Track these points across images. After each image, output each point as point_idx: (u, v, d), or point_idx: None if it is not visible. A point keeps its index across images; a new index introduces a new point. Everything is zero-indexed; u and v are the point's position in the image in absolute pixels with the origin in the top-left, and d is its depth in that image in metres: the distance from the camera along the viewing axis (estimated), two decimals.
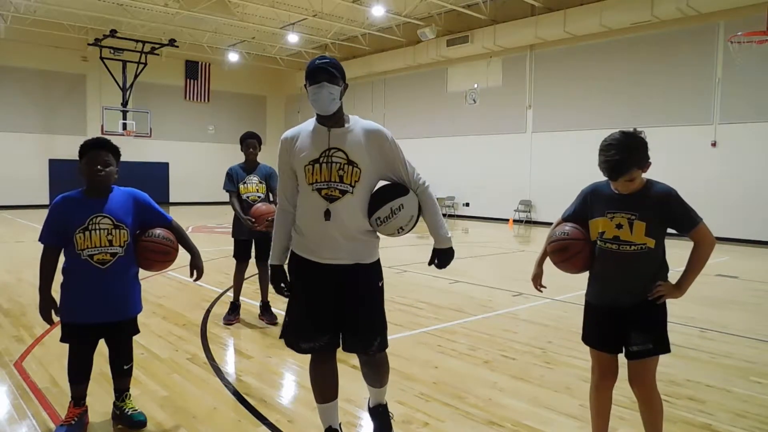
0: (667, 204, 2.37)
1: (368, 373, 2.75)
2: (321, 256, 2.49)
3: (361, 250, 2.52)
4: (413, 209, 2.51)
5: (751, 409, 3.35)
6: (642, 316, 2.42)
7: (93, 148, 2.83)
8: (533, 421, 3.14)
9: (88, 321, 2.86)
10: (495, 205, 17.88)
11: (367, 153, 2.46)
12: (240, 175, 5.17)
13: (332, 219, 2.43)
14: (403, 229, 2.52)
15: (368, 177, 2.48)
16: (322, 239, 2.47)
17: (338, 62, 2.47)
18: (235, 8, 17.33)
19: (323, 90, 2.39)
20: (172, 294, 6.48)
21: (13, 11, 17.58)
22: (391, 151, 2.51)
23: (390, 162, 2.52)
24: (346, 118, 2.53)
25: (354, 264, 2.50)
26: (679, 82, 13.81)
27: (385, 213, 2.47)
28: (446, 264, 2.60)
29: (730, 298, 6.69)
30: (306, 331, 2.53)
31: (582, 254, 2.50)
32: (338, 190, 2.43)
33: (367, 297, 2.55)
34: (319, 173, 2.44)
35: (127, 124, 20.73)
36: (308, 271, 2.52)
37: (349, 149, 2.44)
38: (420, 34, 18.16)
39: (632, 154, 2.29)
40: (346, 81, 2.50)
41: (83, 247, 2.78)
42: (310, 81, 2.42)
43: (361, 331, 2.53)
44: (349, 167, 2.43)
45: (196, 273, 3.11)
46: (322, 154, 2.44)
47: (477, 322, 5.38)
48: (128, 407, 3.05)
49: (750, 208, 12.68)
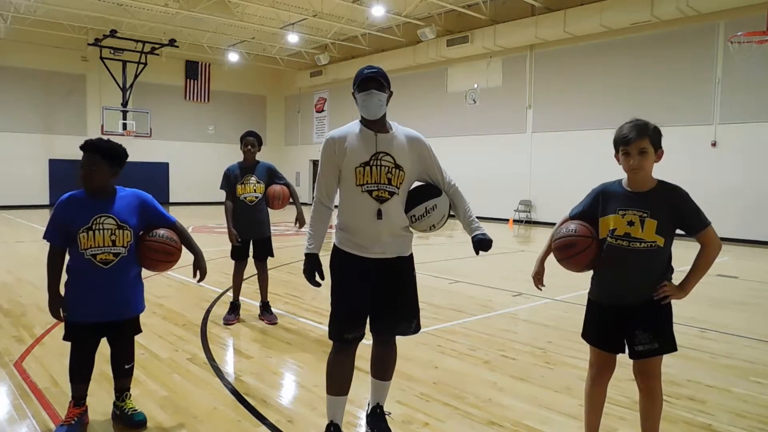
0: (679, 204, 2.39)
1: (381, 360, 2.89)
2: (371, 251, 2.66)
3: (403, 244, 2.74)
4: (445, 209, 2.76)
5: (751, 409, 3.35)
6: (648, 316, 2.44)
7: (84, 150, 2.85)
8: (533, 421, 3.14)
9: (90, 320, 2.88)
10: (495, 205, 17.87)
11: (409, 157, 2.69)
12: (237, 175, 5.14)
13: (383, 218, 2.62)
14: (435, 227, 2.76)
15: (409, 179, 2.72)
16: (372, 236, 2.64)
17: (384, 71, 2.69)
18: (235, 8, 17.33)
19: (373, 97, 2.60)
20: (172, 294, 6.48)
21: (13, 11, 17.58)
22: (429, 156, 2.77)
23: (427, 166, 2.78)
24: (389, 124, 2.73)
25: (396, 257, 2.72)
26: (679, 82, 13.81)
27: (420, 212, 2.71)
28: (488, 249, 2.76)
29: (730, 298, 6.69)
30: (352, 322, 2.70)
31: (588, 252, 2.50)
32: (387, 192, 2.63)
33: (408, 285, 2.81)
34: (370, 175, 2.62)
35: (127, 124, 20.76)
36: (356, 266, 2.68)
37: (396, 154, 2.66)
38: (420, 34, 18.16)
39: (652, 126, 2.42)
40: (391, 88, 2.70)
41: (86, 247, 2.80)
42: (359, 89, 2.62)
43: (403, 315, 2.79)
44: (396, 170, 2.65)
45: (200, 274, 3.12)
46: (372, 158, 2.63)
47: (477, 322, 5.38)
48: (128, 407, 3.05)
49: (750, 208, 12.68)
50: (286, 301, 6.14)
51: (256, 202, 5.12)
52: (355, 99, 2.67)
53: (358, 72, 2.65)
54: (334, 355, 2.76)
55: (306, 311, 5.71)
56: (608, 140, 2.63)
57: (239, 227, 5.10)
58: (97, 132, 19.40)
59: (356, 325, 2.71)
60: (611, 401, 3.21)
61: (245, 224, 5.11)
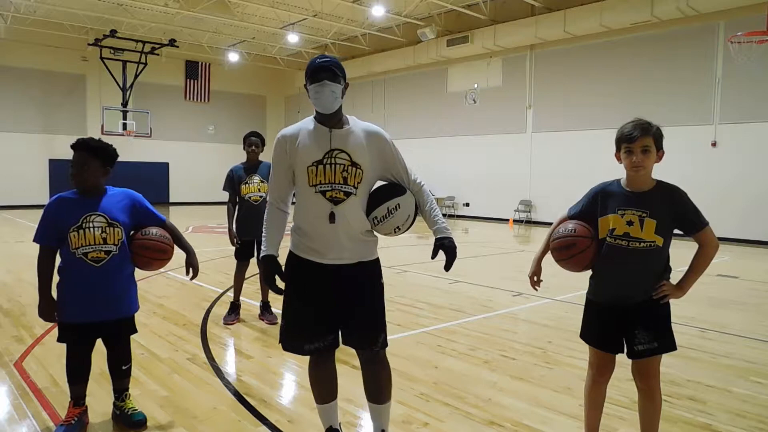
0: (678, 204, 2.40)
1: (367, 379, 2.64)
2: (325, 256, 2.46)
3: (363, 248, 2.52)
4: (410, 209, 2.52)
5: (751, 409, 3.35)
6: (647, 315, 2.44)
7: (74, 149, 2.86)
8: (533, 421, 3.14)
9: (84, 320, 2.87)
10: (495, 205, 17.88)
11: (368, 154, 2.47)
12: (241, 176, 5.17)
13: (337, 221, 2.41)
14: (400, 229, 2.53)
15: (369, 178, 2.49)
16: (327, 241, 2.44)
17: (338, 61, 2.47)
18: (235, 8, 17.33)
19: (325, 88, 2.38)
20: (172, 294, 6.48)
21: (13, 11, 17.58)
22: (391, 152, 2.54)
23: (389, 163, 2.55)
24: (345, 119, 2.52)
25: (357, 262, 2.50)
26: (679, 82, 13.81)
27: (382, 212, 2.48)
28: (451, 260, 2.52)
29: (730, 298, 6.69)
30: (309, 332, 2.50)
31: (587, 252, 2.50)
32: (343, 192, 2.42)
33: (370, 294, 2.54)
34: (323, 175, 2.41)
35: (127, 124, 20.76)
36: (310, 272, 2.49)
37: (352, 150, 2.44)
38: (420, 34, 18.16)
39: (655, 126, 2.43)
40: (347, 80, 2.49)
41: (77, 246, 2.79)
42: (311, 80, 2.40)
43: (365, 327, 2.52)
44: (353, 169, 2.43)
45: (192, 271, 3.11)
46: (326, 155, 2.42)
47: (477, 322, 5.38)
48: (128, 407, 3.05)
49: (750, 208, 12.68)
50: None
51: (261, 202, 5.15)
52: (307, 91, 2.45)
53: (309, 62, 2.44)
54: (311, 365, 2.62)
55: None
56: (608, 140, 2.63)
57: (244, 227, 5.12)
58: (97, 132, 19.38)
59: (313, 335, 2.49)
60: (611, 401, 3.21)
61: (250, 223, 5.12)
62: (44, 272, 2.85)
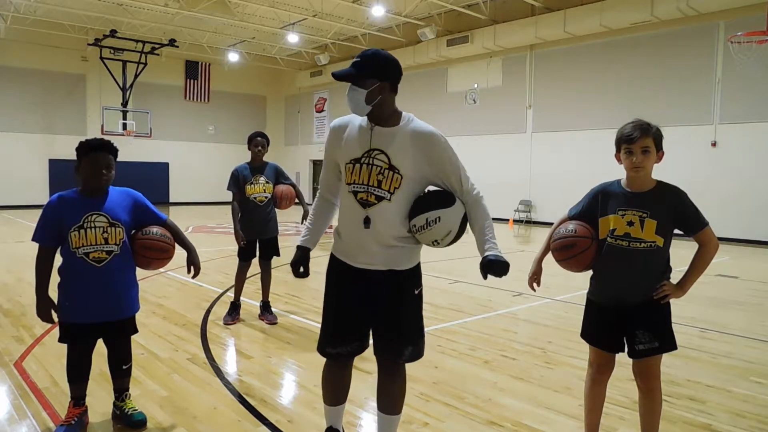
0: (679, 204, 2.41)
1: (380, 389, 2.52)
2: (356, 260, 2.36)
3: (397, 256, 2.35)
4: (452, 224, 2.28)
5: (751, 409, 3.35)
6: (647, 315, 2.44)
7: (97, 150, 2.81)
8: (533, 421, 3.14)
9: (85, 320, 2.86)
10: (495, 205, 17.82)
11: (411, 158, 2.26)
12: (246, 176, 5.15)
13: (371, 227, 2.28)
14: (438, 243, 2.31)
15: (411, 184, 2.29)
16: (357, 244, 2.34)
17: (372, 55, 2.27)
18: (235, 8, 17.33)
19: (348, 93, 2.27)
20: (172, 294, 6.48)
21: (13, 11, 17.57)
22: (441, 157, 2.29)
23: (439, 169, 2.30)
24: (398, 116, 2.32)
25: (388, 270, 2.35)
26: (679, 82, 13.81)
27: (420, 222, 2.27)
28: (500, 272, 2.28)
29: (730, 298, 6.68)
30: (335, 336, 2.43)
31: (588, 252, 2.51)
32: (374, 196, 2.26)
33: (399, 304, 2.38)
34: (358, 174, 2.28)
35: (127, 124, 20.75)
36: (344, 275, 2.41)
37: (393, 153, 2.25)
38: (420, 34, 18.16)
39: (655, 127, 2.44)
40: (391, 75, 2.28)
41: (78, 246, 2.77)
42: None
43: (389, 337, 2.39)
44: (390, 172, 2.24)
45: (194, 270, 3.11)
46: (364, 155, 2.28)
47: (477, 322, 5.38)
48: (128, 407, 3.05)
49: (750, 208, 12.68)
50: (286, 301, 6.14)
51: (266, 202, 5.15)
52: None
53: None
54: (328, 367, 2.55)
55: (306, 311, 5.70)
56: (608, 140, 2.63)
57: (248, 227, 5.12)
58: (97, 132, 19.39)
59: (339, 340, 2.42)
60: (611, 401, 3.21)
61: (255, 224, 5.13)
62: (42, 272, 2.84)
